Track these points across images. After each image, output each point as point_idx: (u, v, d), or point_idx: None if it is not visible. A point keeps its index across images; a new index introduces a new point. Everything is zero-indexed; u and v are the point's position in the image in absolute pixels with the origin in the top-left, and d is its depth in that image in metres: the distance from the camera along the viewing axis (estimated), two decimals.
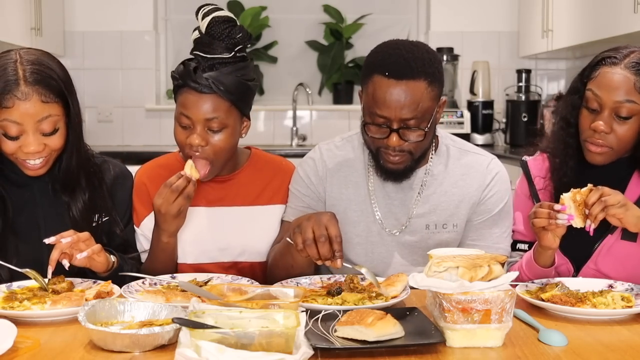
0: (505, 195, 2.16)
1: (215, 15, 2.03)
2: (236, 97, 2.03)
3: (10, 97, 1.85)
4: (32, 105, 1.87)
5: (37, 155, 1.91)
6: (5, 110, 1.86)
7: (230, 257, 2.19)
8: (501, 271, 1.58)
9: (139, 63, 5.35)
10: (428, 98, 1.95)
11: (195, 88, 2.00)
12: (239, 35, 2.04)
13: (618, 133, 2.00)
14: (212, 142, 2.04)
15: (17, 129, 1.88)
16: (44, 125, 1.89)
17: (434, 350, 1.49)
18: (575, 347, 1.52)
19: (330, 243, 1.82)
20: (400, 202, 2.14)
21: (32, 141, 1.89)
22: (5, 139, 1.90)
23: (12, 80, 1.86)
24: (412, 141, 1.98)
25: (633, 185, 2.07)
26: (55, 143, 1.93)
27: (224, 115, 2.03)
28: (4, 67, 1.89)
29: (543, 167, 2.18)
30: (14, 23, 4.29)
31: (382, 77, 1.94)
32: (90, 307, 1.55)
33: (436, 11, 5.40)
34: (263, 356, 1.34)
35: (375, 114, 1.97)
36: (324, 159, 2.20)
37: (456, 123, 5.07)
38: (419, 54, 1.97)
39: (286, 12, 5.53)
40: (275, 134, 5.47)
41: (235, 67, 2.03)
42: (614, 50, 2.04)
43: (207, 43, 2.02)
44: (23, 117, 1.86)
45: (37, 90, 1.87)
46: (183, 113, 2.03)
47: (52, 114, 1.90)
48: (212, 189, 2.20)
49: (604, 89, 1.99)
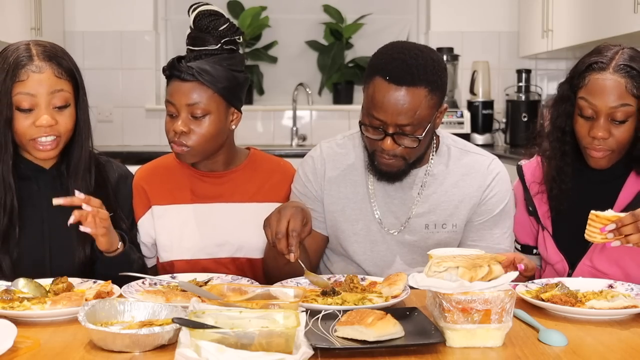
0: (506, 196, 2.16)
1: (201, 10, 2.13)
2: (221, 86, 2.08)
3: (25, 71, 1.93)
4: (46, 77, 1.94)
5: (49, 131, 1.95)
6: (20, 83, 1.93)
7: (228, 253, 2.20)
8: (501, 271, 1.58)
9: (139, 63, 5.35)
10: (427, 106, 1.95)
11: (178, 76, 2.08)
12: (223, 26, 2.11)
13: (616, 136, 2.00)
14: (196, 129, 2.08)
15: (30, 101, 1.93)
16: (56, 99, 1.95)
17: (434, 350, 1.49)
18: (575, 347, 1.52)
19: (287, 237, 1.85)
20: (400, 202, 2.14)
21: (45, 113, 1.94)
22: (19, 114, 1.94)
23: (26, 56, 1.95)
24: (406, 146, 1.98)
25: (629, 184, 2.08)
26: (65, 122, 1.98)
27: (207, 102, 2.08)
28: (16, 47, 1.98)
29: (536, 172, 2.18)
30: (14, 23, 4.29)
31: (382, 80, 1.94)
32: (90, 307, 1.55)
33: (436, 11, 5.40)
34: (263, 356, 1.34)
35: (372, 116, 1.97)
36: (324, 157, 2.20)
37: (456, 123, 5.07)
38: (423, 61, 1.95)
39: (286, 12, 5.53)
40: (275, 134, 5.47)
41: (222, 57, 2.10)
42: (599, 54, 2.03)
43: (195, 36, 2.12)
44: (37, 88, 1.93)
45: (50, 66, 1.96)
46: (169, 100, 2.11)
47: (65, 89, 1.97)
48: (209, 185, 2.22)
49: (597, 97, 1.99)
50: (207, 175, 2.22)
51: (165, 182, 2.23)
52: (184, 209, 2.21)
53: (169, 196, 2.21)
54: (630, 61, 1.99)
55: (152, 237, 2.21)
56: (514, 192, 2.24)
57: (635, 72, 1.98)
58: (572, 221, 2.02)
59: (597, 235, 1.80)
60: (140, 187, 2.23)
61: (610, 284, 1.91)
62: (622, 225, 1.77)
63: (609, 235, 1.78)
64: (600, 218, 1.80)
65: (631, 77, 1.98)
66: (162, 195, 2.21)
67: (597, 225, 1.80)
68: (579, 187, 2.11)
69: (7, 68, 1.93)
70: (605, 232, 1.78)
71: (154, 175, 2.24)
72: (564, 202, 2.10)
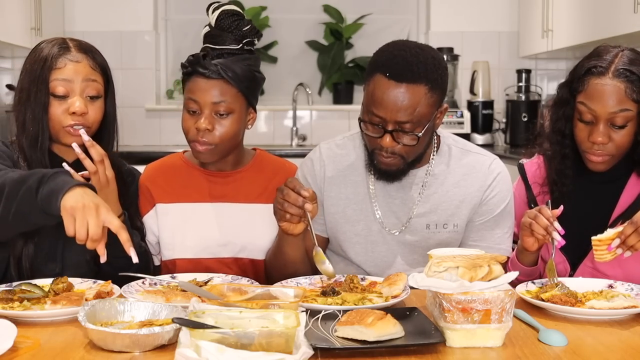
0: (507, 196, 2.16)
1: (225, 9, 2.14)
2: (244, 85, 2.10)
3: (63, 60, 2.02)
4: (83, 67, 2.03)
5: (80, 119, 2.01)
6: (57, 70, 2.01)
7: (231, 253, 2.20)
8: (501, 271, 1.58)
9: (139, 63, 5.35)
10: (426, 104, 1.94)
11: (203, 74, 2.08)
12: (246, 27, 2.13)
13: (616, 141, 2.00)
14: (219, 127, 2.09)
15: (65, 88, 2.00)
16: (90, 88, 2.03)
17: (434, 350, 1.49)
18: (575, 347, 1.52)
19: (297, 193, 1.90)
20: (401, 202, 2.14)
21: (79, 100, 2.01)
22: (54, 100, 2.00)
23: (64, 47, 2.04)
24: (405, 144, 1.98)
25: (630, 186, 2.08)
26: (95, 112, 2.04)
27: (231, 100, 2.09)
28: (51, 40, 2.06)
29: (538, 173, 2.18)
30: (14, 23, 4.29)
31: (383, 77, 1.94)
32: (90, 307, 1.55)
33: (436, 11, 5.40)
34: (263, 356, 1.34)
35: (372, 113, 1.97)
36: (323, 159, 2.20)
37: (456, 123, 5.07)
38: (423, 59, 1.96)
39: (286, 12, 5.53)
40: (275, 134, 5.47)
41: (243, 57, 2.12)
42: (598, 58, 2.03)
43: (217, 35, 2.12)
44: (73, 75, 2.01)
45: (86, 57, 2.05)
46: (191, 98, 2.10)
47: (98, 81, 2.05)
48: (215, 184, 2.22)
49: (597, 102, 1.99)
50: (213, 174, 2.22)
51: (170, 180, 2.23)
52: (188, 207, 2.21)
53: (173, 194, 2.21)
54: (629, 65, 1.98)
55: (155, 235, 2.22)
56: (515, 191, 2.24)
57: (635, 77, 1.97)
58: (574, 222, 2.02)
59: (606, 255, 1.84)
60: (145, 185, 2.24)
61: (610, 284, 1.91)
62: (626, 237, 1.81)
63: (617, 251, 1.82)
64: (603, 240, 1.84)
65: (630, 82, 1.97)
66: (166, 193, 2.22)
67: (603, 247, 1.84)
68: (580, 189, 2.11)
69: (45, 58, 2.00)
70: (612, 250, 1.83)
71: (159, 173, 2.25)
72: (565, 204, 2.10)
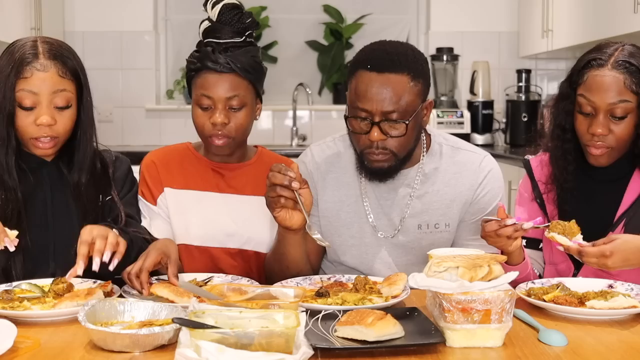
0: (498, 193, 2.14)
1: (226, 3, 2.15)
2: (253, 76, 2.13)
3: (30, 69, 1.93)
4: (49, 77, 1.94)
5: (48, 131, 1.95)
6: (23, 80, 1.93)
7: (237, 243, 2.21)
8: (501, 271, 1.58)
9: (139, 63, 5.35)
10: (411, 92, 1.95)
11: (214, 68, 2.09)
12: (248, 20, 2.16)
13: (616, 132, 2.00)
14: (234, 120, 2.11)
15: (32, 99, 1.93)
16: (58, 99, 1.95)
17: (434, 350, 1.49)
18: (575, 347, 1.52)
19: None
20: (393, 203, 2.13)
21: (46, 112, 1.94)
22: (20, 111, 1.94)
23: (32, 54, 1.94)
24: (394, 136, 1.96)
25: (634, 184, 2.07)
26: (65, 122, 1.98)
27: (244, 93, 2.11)
28: (23, 44, 1.98)
29: (543, 171, 2.17)
30: (14, 23, 4.29)
31: (364, 71, 1.96)
32: (90, 307, 1.55)
33: (436, 11, 5.40)
34: (263, 356, 1.34)
35: (357, 108, 1.97)
36: (316, 160, 2.19)
37: (456, 123, 5.07)
38: (403, 50, 1.99)
39: (286, 12, 5.53)
40: (275, 134, 5.47)
41: (247, 49, 2.14)
42: (598, 51, 2.04)
43: (219, 29, 2.14)
44: (40, 87, 1.93)
45: (55, 65, 1.95)
46: (204, 94, 2.10)
47: (67, 90, 1.97)
48: (222, 176, 2.23)
49: (596, 93, 1.99)
50: (220, 166, 2.23)
51: (179, 166, 2.24)
52: (196, 195, 2.21)
53: (182, 181, 2.22)
54: (629, 57, 1.99)
55: (168, 217, 2.21)
56: (520, 187, 2.23)
57: (635, 68, 1.98)
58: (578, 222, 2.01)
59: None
60: (152, 164, 2.23)
61: (610, 284, 1.90)
62: (586, 257, 1.82)
63: None
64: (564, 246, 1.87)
65: (630, 73, 1.97)
66: (175, 178, 2.22)
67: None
68: (584, 187, 2.10)
69: (13, 63, 1.93)
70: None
71: (170, 158, 2.25)
72: (568, 202, 2.10)
